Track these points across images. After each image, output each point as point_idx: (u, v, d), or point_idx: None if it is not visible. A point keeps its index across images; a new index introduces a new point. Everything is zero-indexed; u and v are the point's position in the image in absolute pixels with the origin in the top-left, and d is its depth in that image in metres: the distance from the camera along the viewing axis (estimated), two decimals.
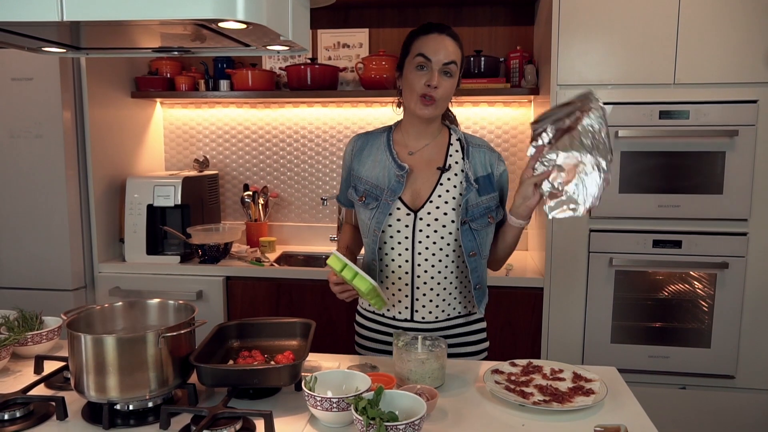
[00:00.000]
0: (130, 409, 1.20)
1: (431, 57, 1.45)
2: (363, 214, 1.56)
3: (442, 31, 1.48)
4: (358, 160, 1.59)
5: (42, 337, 1.49)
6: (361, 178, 1.57)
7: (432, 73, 1.45)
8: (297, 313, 2.43)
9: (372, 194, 1.53)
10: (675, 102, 2.21)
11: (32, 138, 2.41)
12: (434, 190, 1.50)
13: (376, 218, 1.51)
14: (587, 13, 2.22)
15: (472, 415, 1.21)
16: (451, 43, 1.47)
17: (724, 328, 2.28)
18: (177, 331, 1.21)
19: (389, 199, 1.50)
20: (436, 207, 1.49)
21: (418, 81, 1.46)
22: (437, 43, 1.46)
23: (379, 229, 1.50)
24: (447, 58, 1.45)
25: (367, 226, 1.54)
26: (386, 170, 1.53)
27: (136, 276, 2.53)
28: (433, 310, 1.53)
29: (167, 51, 1.32)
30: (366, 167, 1.57)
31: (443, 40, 1.46)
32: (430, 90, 1.45)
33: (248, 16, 0.94)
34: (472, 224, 1.49)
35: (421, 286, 1.52)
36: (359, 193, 1.56)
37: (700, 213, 2.25)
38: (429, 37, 1.47)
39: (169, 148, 3.08)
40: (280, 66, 2.86)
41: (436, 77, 1.44)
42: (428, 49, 1.45)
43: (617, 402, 1.27)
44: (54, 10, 0.95)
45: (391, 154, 1.55)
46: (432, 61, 1.45)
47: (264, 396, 1.28)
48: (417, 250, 1.51)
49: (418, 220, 1.49)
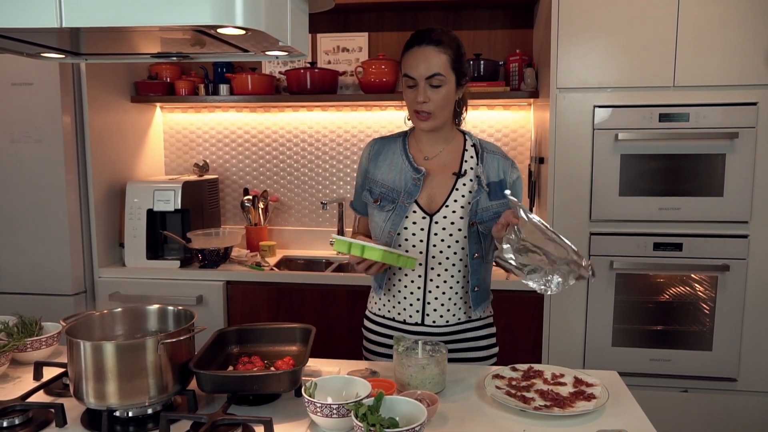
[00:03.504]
0: (129, 416, 1.20)
1: (413, 74, 1.46)
2: (377, 216, 1.56)
3: (421, 42, 1.46)
4: (375, 163, 1.59)
5: (41, 343, 1.49)
6: (377, 181, 1.57)
7: (418, 89, 1.46)
8: (297, 318, 2.43)
9: (388, 197, 1.53)
10: (675, 104, 2.21)
11: (32, 143, 2.41)
12: (450, 194, 1.52)
13: (391, 220, 1.51)
14: (586, 16, 2.22)
15: (473, 421, 1.21)
16: (433, 53, 1.44)
17: (726, 330, 2.27)
18: (176, 337, 1.20)
19: (406, 202, 1.51)
20: (452, 211, 1.51)
21: (410, 99, 1.49)
22: (416, 58, 1.45)
23: (395, 231, 1.51)
24: (429, 72, 1.44)
25: (381, 228, 1.54)
26: (402, 174, 1.54)
27: (136, 281, 2.53)
28: (444, 314, 1.54)
29: (166, 56, 1.32)
30: (382, 171, 1.57)
31: (423, 52, 1.45)
32: (421, 106, 1.47)
33: (247, 22, 0.94)
34: (480, 227, 1.51)
35: (433, 290, 1.53)
36: (374, 195, 1.56)
37: (700, 215, 2.24)
38: (409, 54, 1.47)
39: (169, 153, 3.08)
40: (279, 70, 2.86)
41: (422, 93, 1.46)
42: (409, 67, 1.46)
43: (619, 406, 1.27)
44: (53, 17, 0.94)
45: (408, 158, 1.56)
46: (416, 78, 1.46)
47: (264, 402, 1.28)
48: (431, 254, 1.52)
49: (434, 224, 1.51)
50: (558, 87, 2.26)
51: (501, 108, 2.80)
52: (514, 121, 2.80)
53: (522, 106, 2.78)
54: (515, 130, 2.81)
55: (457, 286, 1.54)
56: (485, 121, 2.82)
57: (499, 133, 2.82)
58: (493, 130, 2.82)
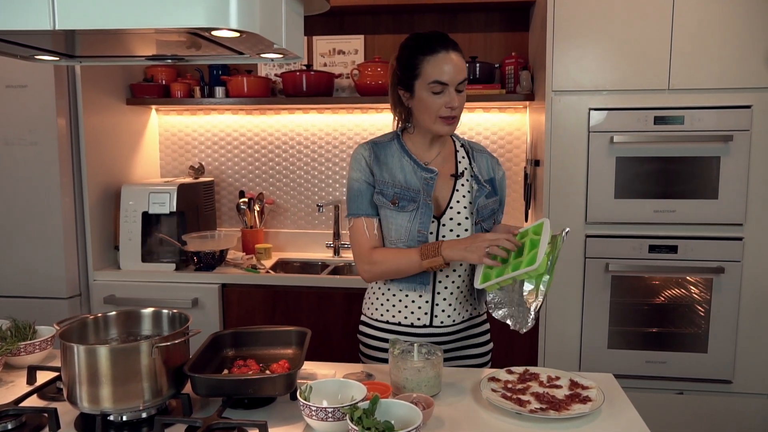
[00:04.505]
0: (123, 420, 1.19)
1: (446, 80, 1.44)
2: (398, 218, 1.51)
3: (448, 48, 1.45)
4: (377, 165, 1.54)
5: (35, 347, 1.48)
6: (387, 182, 1.53)
7: (450, 94, 1.45)
8: (293, 321, 2.42)
9: (406, 197, 1.50)
10: (670, 107, 2.22)
11: (27, 145, 2.40)
12: (452, 196, 1.54)
13: (418, 219, 1.49)
14: (582, 19, 2.22)
15: (469, 424, 1.20)
16: (458, 58, 1.46)
17: (721, 332, 2.28)
18: (171, 340, 1.20)
19: (428, 200, 1.50)
20: (457, 212, 1.52)
21: (435, 104, 1.46)
22: (448, 64, 1.44)
23: (425, 230, 1.49)
24: (461, 77, 1.45)
25: (406, 229, 1.50)
26: (412, 174, 1.52)
27: (131, 284, 2.52)
28: (451, 314, 1.55)
29: (161, 59, 1.32)
30: (390, 172, 1.53)
31: (453, 59, 1.45)
32: (451, 112, 1.46)
33: (241, 25, 0.94)
34: (483, 224, 1.54)
35: (441, 291, 1.54)
36: (388, 197, 1.52)
37: (695, 218, 2.25)
38: (438, 58, 1.44)
39: (164, 155, 3.07)
40: (275, 72, 2.86)
41: (456, 98, 1.45)
42: (441, 72, 1.44)
43: (614, 409, 1.27)
44: (46, 19, 0.94)
45: (412, 159, 1.54)
46: (448, 84, 1.44)
47: (259, 406, 1.27)
48: None
49: (441, 226, 1.52)
50: (553, 90, 2.26)
51: (497, 110, 2.81)
52: (509, 124, 2.81)
53: (518, 109, 2.79)
54: (511, 132, 2.81)
55: (463, 285, 1.56)
56: (481, 123, 2.82)
57: (494, 136, 2.82)
58: (488, 133, 2.82)
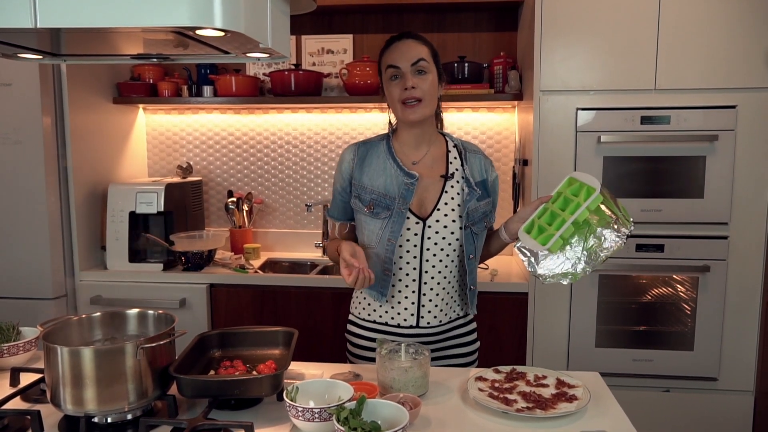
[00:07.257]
0: (108, 422, 1.18)
1: (399, 64, 1.48)
2: (371, 224, 1.52)
3: (401, 37, 1.52)
4: (360, 168, 1.55)
5: (18, 348, 1.46)
6: (366, 187, 1.53)
7: (405, 77, 1.48)
8: (282, 321, 2.42)
9: (381, 204, 1.51)
10: (656, 107, 2.23)
11: (11, 144, 2.37)
12: (440, 198, 1.52)
13: (389, 228, 1.49)
14: (569, 20, 2.23)
15: (456, 424, 1.21)
16: (414, 44, 1.50)
17: (707, 330, 2.30)
18: (156, 342, 1.19)
19: (402, 208, 1.49)
20: (444, 215, 1.51)
21: (395, 90, 1.50)
22: (399, 49, 1.50)
23: (395, 239, 1.49)
24: (413, 58, 1.48)
25: (377, 236, 1.52)
26: (393, 179, 1.52)
27: (118, 284, 2.50)
28: (437, 315, 1.55)
29: (146, 58, 1.30)
30: (370, 176, 1.54)
31: (405, 44, 1.50)
32: (409, 93, 1.47)
33: (225, 24, 0.93)
34: (473, 228, 1.53)
35: (427, 292, 1.54)
36: (365, 202, 1.53)
37: (681, 217, 2.27)
38: (391, 48, 1.52)
39: (152, 155, 3.05)
40: (263, 72, 2.85)
41: (410, 79, 1.48)
42: (393, 58, 1.50)
43: (600, 407, 1.28)
44: (27, 17, 0.93)
45: (396, 163, 1.54)
46: (401, 67, 1.48)
47: (246, 407, 1.26)
48: (425, 257, 1.52)
49: (427, 227, 1.51)
50: (541, 90, 2.27)
51: (485, 110, 2.81)
52: (498, 123, 2.82)
53: (506, 109, 2.80)
54: (499, 132, 2.82)
55: (449, 287, 1.55)
56: (469, 123, 2.83)
57: (483, 135, 2.83)
58: (477, 132, 2.83)
